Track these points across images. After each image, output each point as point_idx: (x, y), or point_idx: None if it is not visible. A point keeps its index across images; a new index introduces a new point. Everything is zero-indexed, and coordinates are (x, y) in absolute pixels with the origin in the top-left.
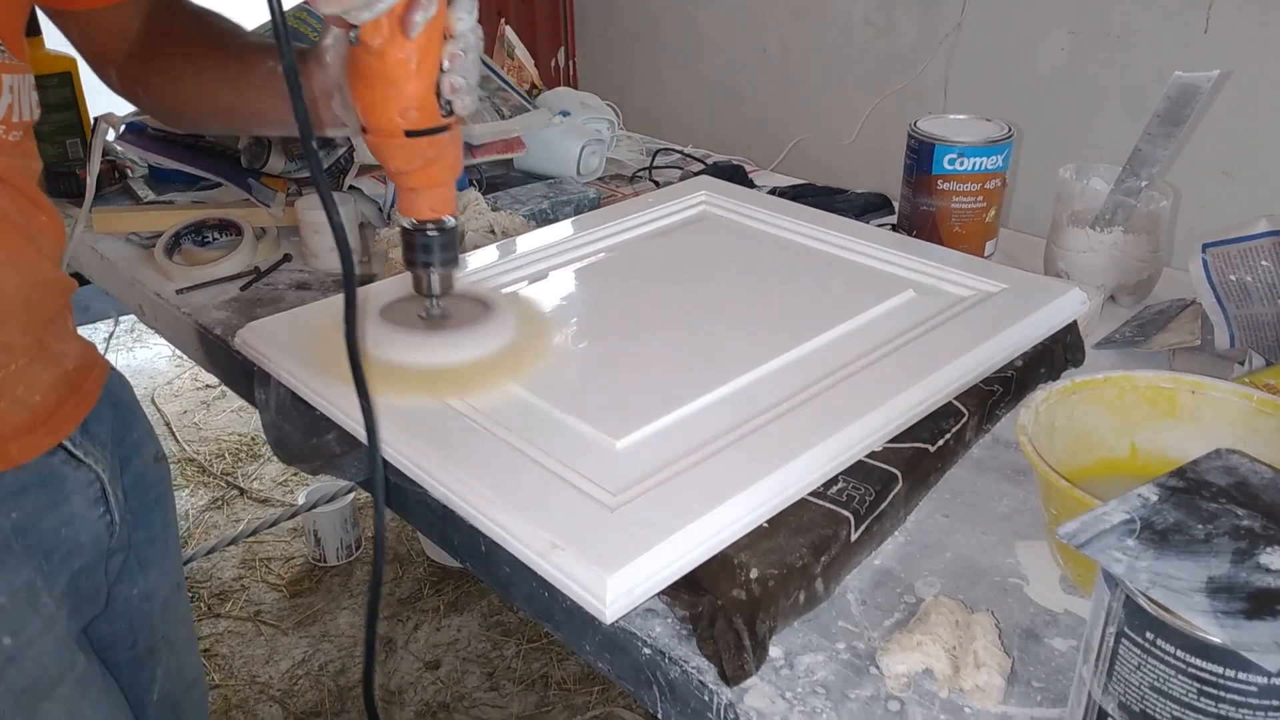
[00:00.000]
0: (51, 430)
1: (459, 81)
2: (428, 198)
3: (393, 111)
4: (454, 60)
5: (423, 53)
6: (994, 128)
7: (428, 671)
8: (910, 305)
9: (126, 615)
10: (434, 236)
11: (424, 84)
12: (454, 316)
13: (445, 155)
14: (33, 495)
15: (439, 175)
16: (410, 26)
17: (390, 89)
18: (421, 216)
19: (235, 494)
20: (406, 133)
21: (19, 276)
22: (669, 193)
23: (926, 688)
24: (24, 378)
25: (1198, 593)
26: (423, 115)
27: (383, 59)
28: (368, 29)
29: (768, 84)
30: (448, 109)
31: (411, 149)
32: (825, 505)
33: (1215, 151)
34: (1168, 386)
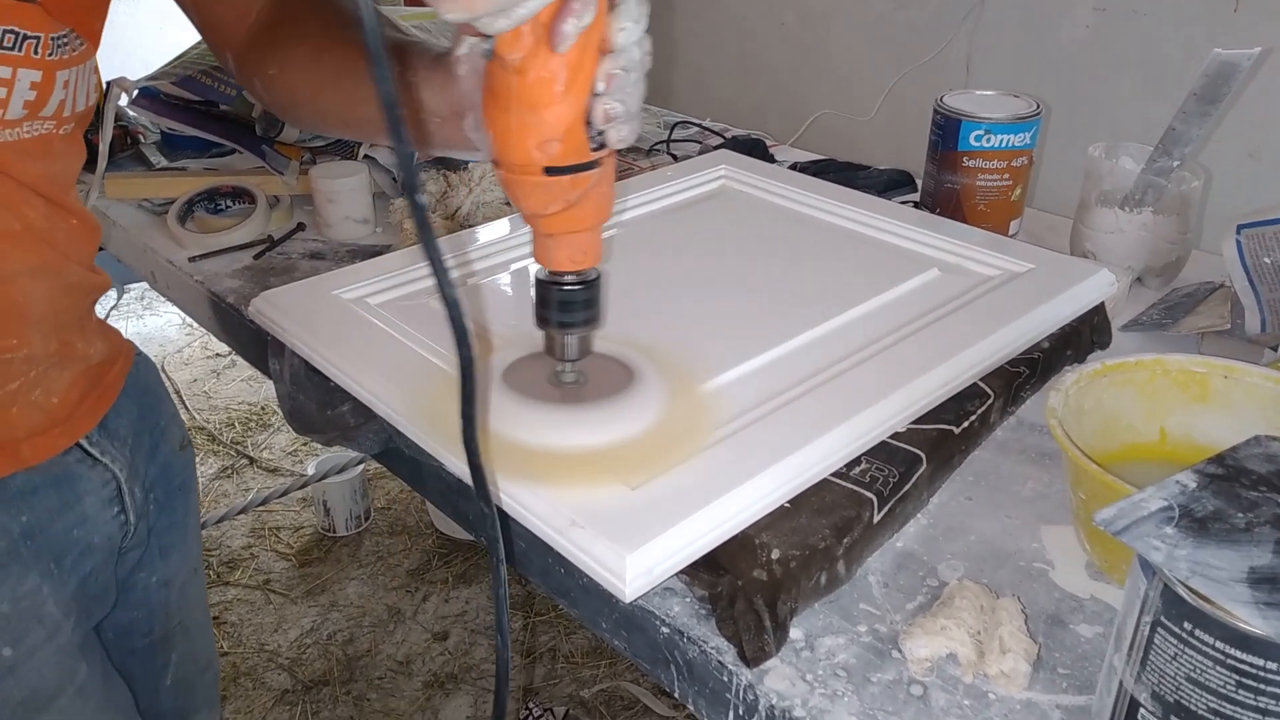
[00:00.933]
0: (68, 430)
1: (616, 108)
2: (567, 246)
3: (530, 143)
4: (612, 81)
5: (573, 71)
6: (1022, 104)
7: (436, 642)
8: (935, 284)
9: (145, 604)
10: (574, 292)
11: (572, 110)
12: (592, 383)
13: (592, 196)
14: (44, 496)
15: (582, 219)
16: (559, 38)
17: (529, 115)
18: (558, 267)
19: (245, 463)
20: (546, 170)
21: (43, 285)
22: (687, 167)
23: (950, 672)
24: (42, 382)
25: (1239, 583)
26: (567, 149)
27: (522, 77)
28: (505, 40)
29: (787, 57)
30: (599, 142)
31: (551, 189)
32: (848, 486)
33: (1241, 133)
34: (1200, 371)
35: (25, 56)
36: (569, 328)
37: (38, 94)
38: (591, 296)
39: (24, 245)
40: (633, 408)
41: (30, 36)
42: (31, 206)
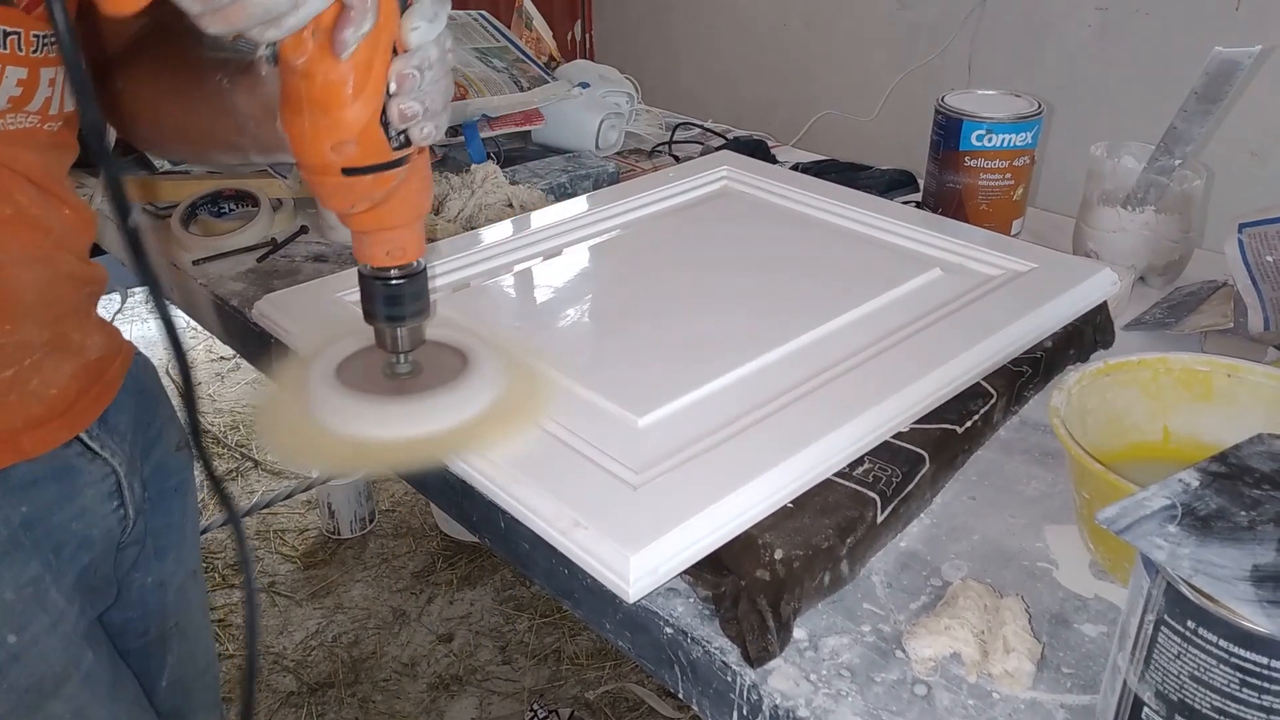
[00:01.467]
0: (68, 423)
1: (412, 107)
2: (383, 241)
3: (325, 145)
4: (404, 81)
5: (362, 73)
6: (1024, 104)
7: (440, 644)
8: (937, 284)
9: (140, 603)
10: (398, 285)
11: (365, 111)
12: (425, 372)
13: (401, 192)
14: (44, 488)
15: (394, 215)
16: (340, 46)
17: (321, 118)
18: (376, 262)
19: (250, 466)
20: (344, 170)
21: (36, 272)
22: (690, 168)
23: (954, 672)
24: (40, 371)
25: (1242, 581)
26: (364, 150)
27: (310, 81)
28: (288, 45)
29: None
30: (401, 140)
31: (353, 189)
32: (851, 486)
33: (1243, 132)
34: (1203, 369)
35: (10, 54)
36: (396, 321)
37: (23, 90)
38: (417, 289)
39: (16, 231)
40: (464, 391)
41: (11, 32)
42: (23, 192)
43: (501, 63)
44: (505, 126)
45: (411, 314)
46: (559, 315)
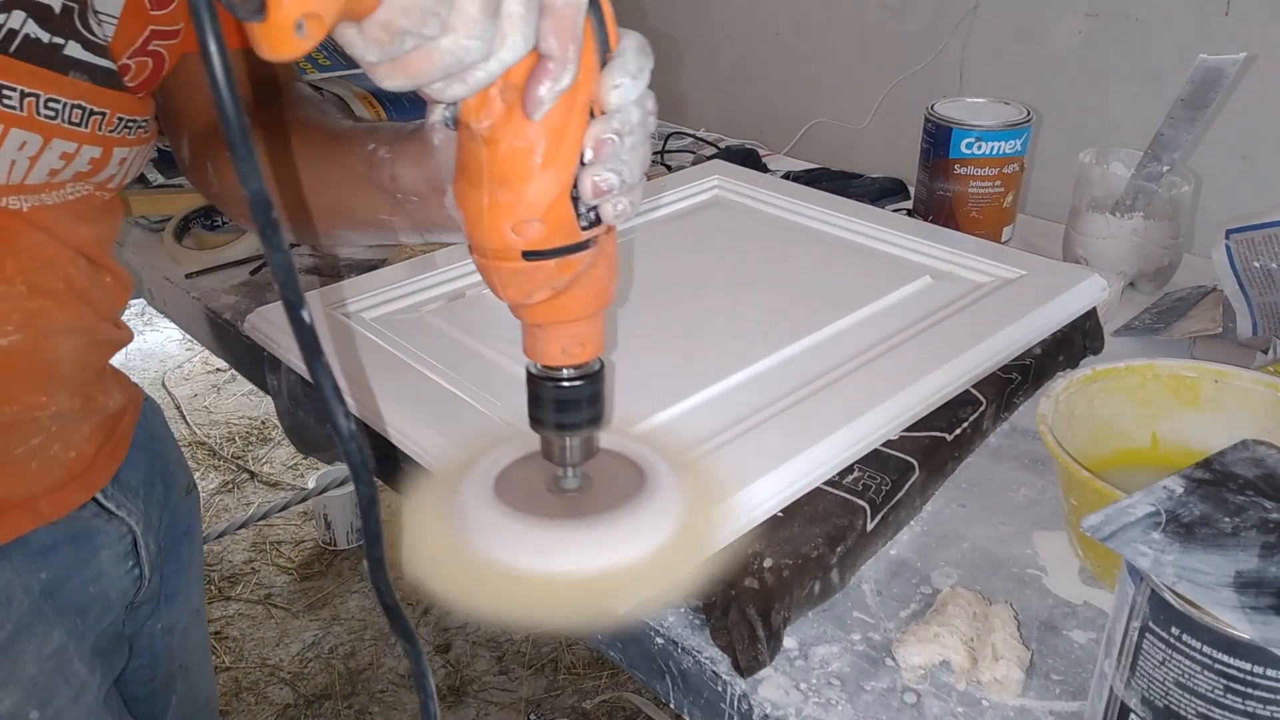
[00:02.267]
0: (84, 485)
1: (608, 180)
2: (559, 337)
3: (506, 224)
4: (602, 148)
5: (554, 140)
6: (1012, 111)
7: (437, 655)
8: (927, 291)
9: (149, 651)
10: (574, 388)
11: (554, 185)
12: (595, 487)
13: (586, 280)
14: (62, 553)
15: (575, 308)
16: (533, 104)
17: (503, 192)
18: (550, 361)
19: (246, 477)
20: (525, 254)
21: (75, 341)
22: (681, 177)
23: (943, 680)
24: (62, 436)
25: (1225, 587)
26: (551, 230)
27: (493, 149)
28: (471, 107)
29: (781, 67)
30: (591, 219)
31: (533, 276)
32: (840, 494)
33: (1234, 137)
34: (1191, 375)
35: (90, 133)
36: (568, 429)
37: (92, 167)
38: (595, 393)
39: (64, 305)
40: (642, 520)
41: (97, 112)
42: (74, 265)
43: None
44: None
45: (587, 421)
46: None
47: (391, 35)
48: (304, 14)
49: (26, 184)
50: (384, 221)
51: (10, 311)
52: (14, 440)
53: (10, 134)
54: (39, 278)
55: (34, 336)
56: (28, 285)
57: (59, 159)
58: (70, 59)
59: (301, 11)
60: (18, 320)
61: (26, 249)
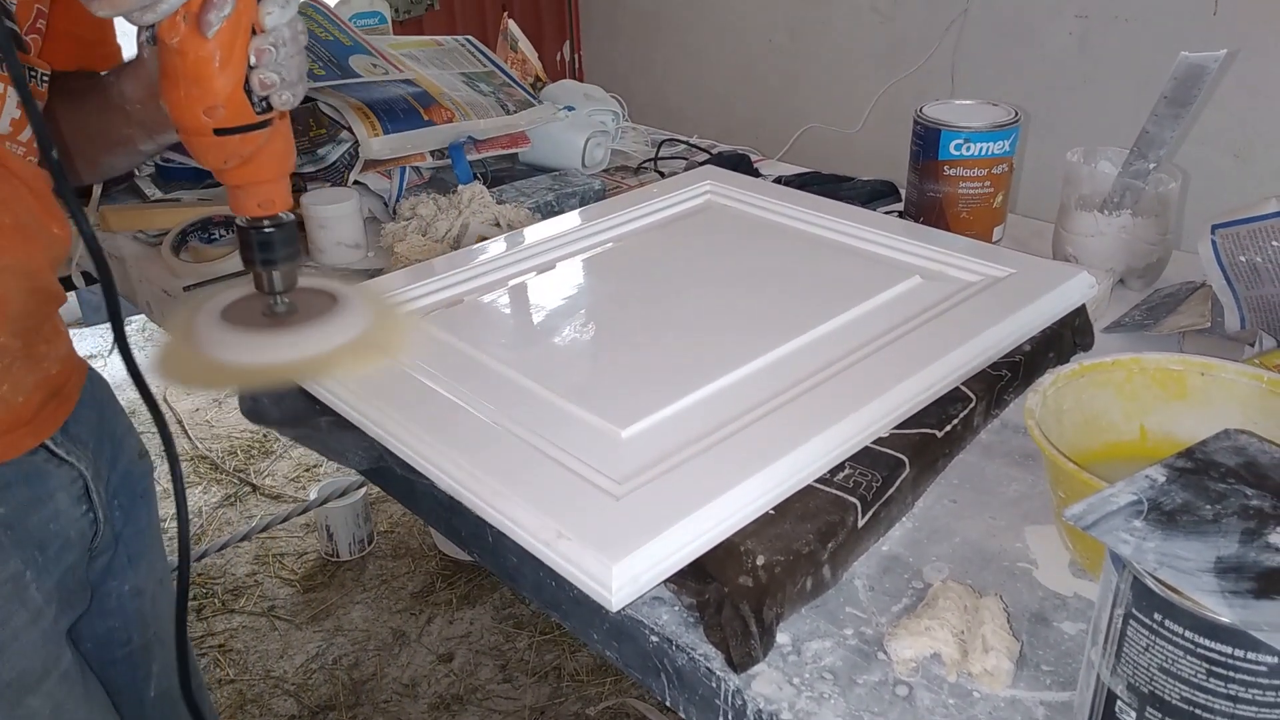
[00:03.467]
0: (33, 431)
1: (270, 77)
2: (254, 194)
3: (198, 110)
4: (262, 55)
5: (226, 50)
6: (1000, 112)
7: (441, 664)
8: (917, 291)
9: (119, 612)
10: (270, 233)
11: (230, 80)
12: (300, 312)
13: (267, 151)
14: (17, 490)
15: (262, 171)
16: (205, 26)
17: (193, 87)
18: (249, 213)
19: (248, 490)
20: (215, 131)
21: (22, 282)
22: (673, 183)
23: (934, 672)
24: (9, 377)
25: (1206, 573)
26: (231, 112)
27: (183, 57)
28: (164, 27)
29: (774, 73)
30: (264, 105)
31: (223, 147)
32: (832, 492)
33: (1226, 133)
34: (1177, 369)
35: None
36: (271, 264)
37: (22, 113)
38: (287, 236)
39: (11, 240)
40: (336, 323)
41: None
42: (22, 203)
43: (488, 87)
44: (492, 149)
45: (283, 258)
46: (545, 330)
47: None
48: None
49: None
50: (126, 135)
51: None
52: None
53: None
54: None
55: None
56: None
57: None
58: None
59: None
60: None
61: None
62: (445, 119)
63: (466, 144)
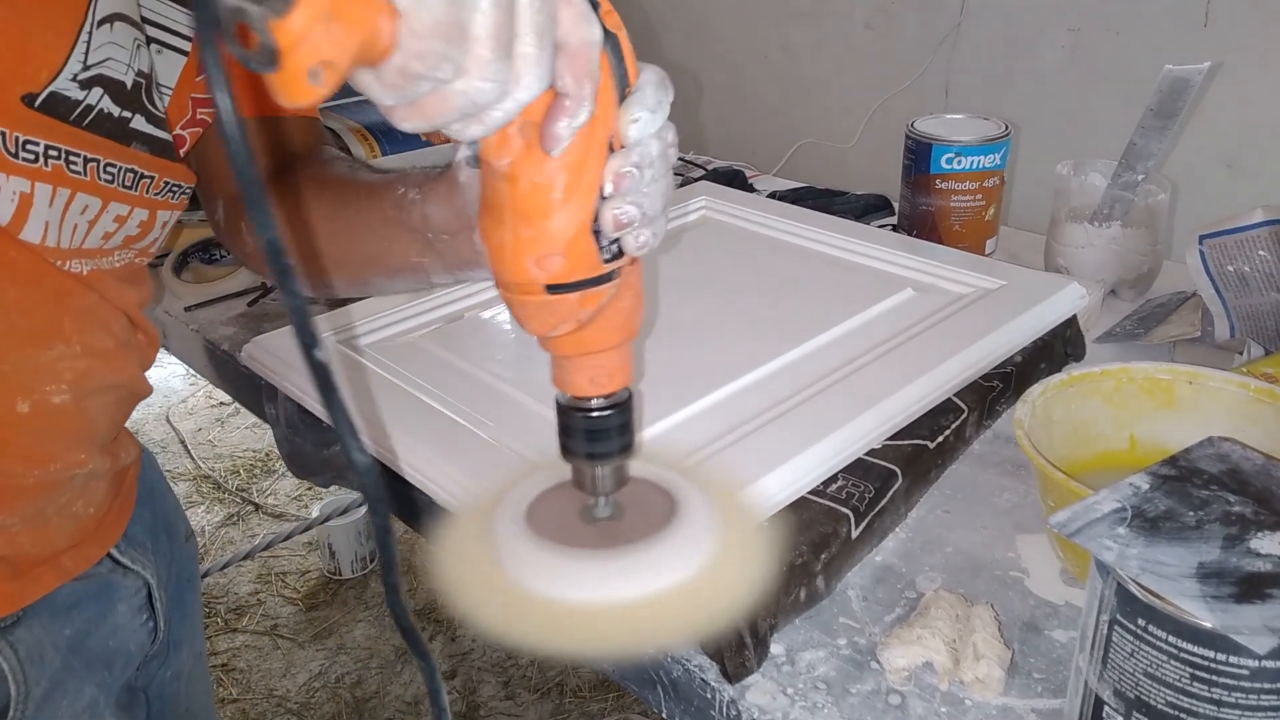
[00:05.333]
0: (98, 540)
1: (628, 212)
2: (587, 368)
3: (528, 259)
4: (622, 181)
5: (574, 175)
6: (991, 126)
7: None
8: (909, 303)
9: (159, 699)
10: (605, 418)
11: (575, 219)
12: (628, 515)
13: (610, 311)
14: (85, 608)
15: (601, 338)
16: (551, 141)
17: (525, 227)
18: (578, 392)
19: (250, 509)
20: (548, 288)
21: (113, 398)
22: None
23: (927, 681)
24: (86, 493)
25: (1188, 578)
26: (572, 264)
27: (514, 185)
28: (491, 145)
29: (769, 90)
30: (613, 251)
31: (556, 309)
32: (825, 503)
33: (1217, 144)
34: (1165, 378)
35: (139, 196)
36: (598, 459)
37: (140, 230)
38: (624, 422)
39: (110, 363)
40: (679, 546)
41: (145, 176)
42: (120, 325)
43: None
44: None
45: (618, 450)
46: None
47: (406, 80)
48: (318, 62)
49: (84, 248)
50: (417, 264)
51: (64, 371)
52: (49, 499)
53: (76, 198)
54: (91, 338)
55: (81, 395)
56: (81, 345)
57: (113, 221)
58: (135, 131)
59: (316, 60)
60: (69, 379)
61: (81, 310)
62: (443, 139)
63: None
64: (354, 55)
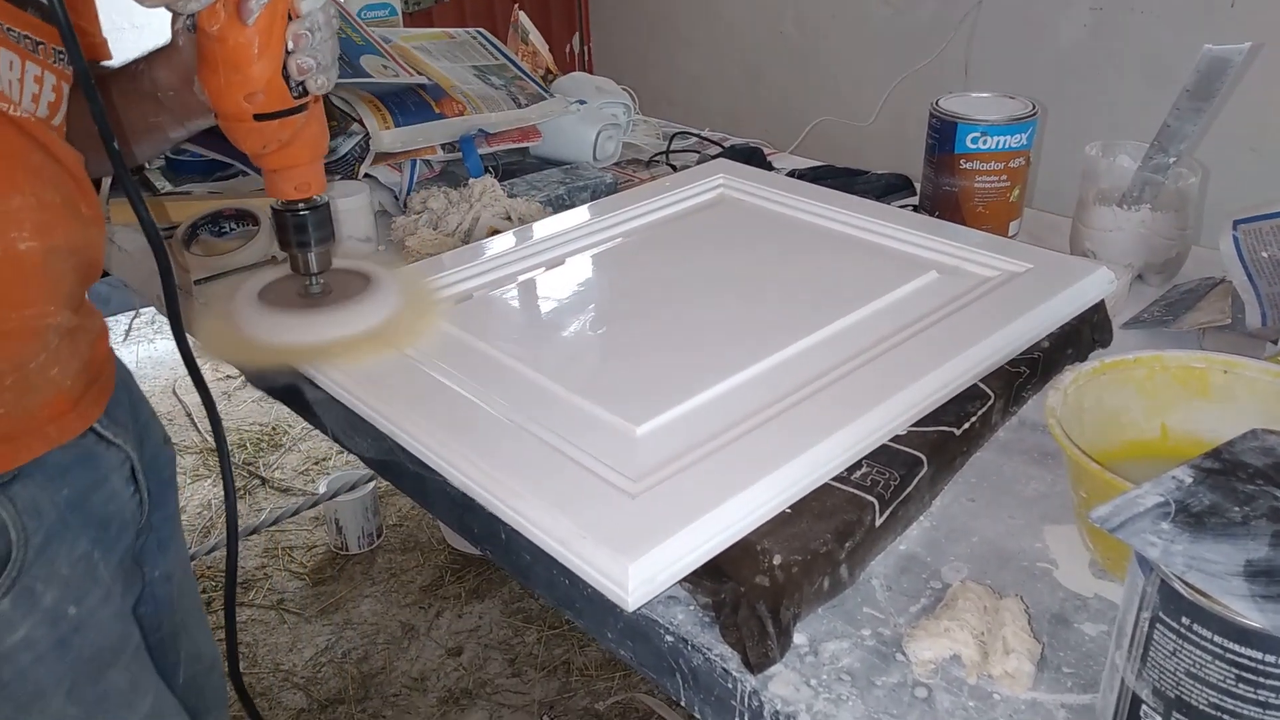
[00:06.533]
0: (80, 415)
1: (307, 62)
2: (291, 177)
3: (238, 96)
4: (299, 41)
5: (265, 36)
6: (1017, 105)
7: (450, 658)
8: (933, 287)
9: (152, 598)
10: (304, 215)
11: (268, 67)
12: (334, 292)
13: (303, 135)
14: (77, 473)
15: (298, 155)
16: (246, 13)
17: (233, 74)
18: (286, 196)
19: (257, 484)
20: (255, 116)
21: (72, 260)
22: (686, 176)
23: (954, 674)
24: (58, 359)
25: (1235, 576)
26: (270, 98)
27: (223, 44)
28: (205, 15)
29: (786, 65)
30: (300, 90)
31: (262, 132)
32: (849, 490)
33: (1243, 128)
34: (1199, 366)
35: (42, 60)
36: (305, 246)
37: (56, 96)
38: (321, 218)
39: (63, 219)
40: (369, 303)
41: (40, 43)
42: (67, 185)
43: (500, 80)
44: (503, 143)
45: (318, 240)
46: (558, 325)
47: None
48: None
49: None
50: (155, 123)
51: (25, 220)
52: (27, 353)
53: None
54: (43, 191)
55: (44, 247)
56: (35, 197)
57: (33, 81)
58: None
59: None
60: (30, 228)
61: (31, 164)
62: (456, 112)
63: (478, 137)
64: None
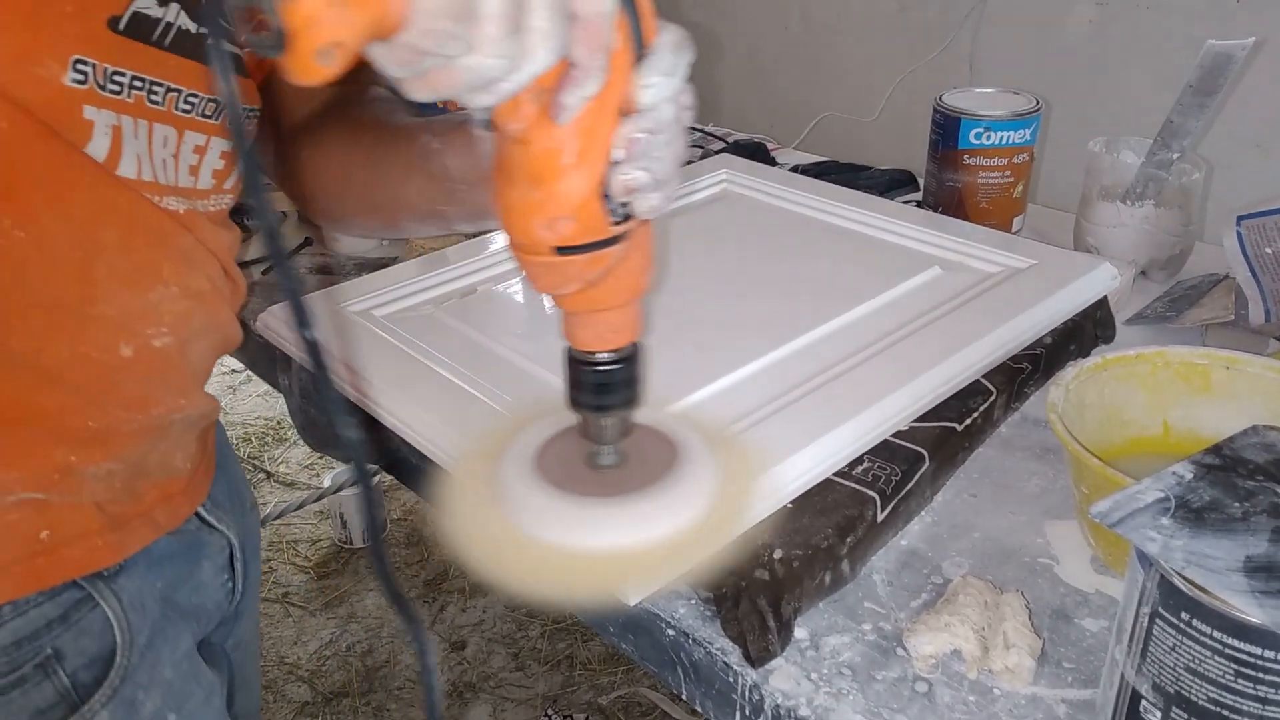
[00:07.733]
0: (189, 498)
1: (638, 177)
2: (593, 324)
3: (538, 221)
4: (633, 147)
5: (585, 140)
6: (1021, 101)
7: (454, 652)
8: (936, 282)
9: (225, 669)
10: (607, 372)
11: (585, 184)
12: (631, 462)
13: (619, 272)
14: (176, 563)
15: (609, 297)
16: (559, 110)
17: (534, 189)
18: (585, 346)
19: (262, 477)
20: (557, 249)
21: (209, 342)
22: (689, 172)
23: (955, 669)
24: (182, 445)
25: (1235, 572)
26: (581, 227)
27: (526, 149)
28: (503, 111)
29: (790, 60)
30: (622, 215)
31: (565, 270)
32: (851, 485)
33: (1248, 124)
34: (1201, 362)
35: (220, 125)
36: (604, 410)
37: (224, 162)
38: (629, 376)
39: (207, 305)
40: (679, 494)
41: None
42: (214, 269)
43: None
44: None
45: (623, 403)
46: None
47: (415, 56)
48: (328, 43)
49: (179, 186)
50: (441, 212)
51: (164, 313)
52: (150, 446)
53: (155, 129)
54: (188, 280)
55: (181, 338)
56: (179, 287)
57: (193, 153)
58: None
59: (325, 41)
60: (169, 322)
61: (179, 253)
62: (459, 106)
63: None
64: (363, 34)
